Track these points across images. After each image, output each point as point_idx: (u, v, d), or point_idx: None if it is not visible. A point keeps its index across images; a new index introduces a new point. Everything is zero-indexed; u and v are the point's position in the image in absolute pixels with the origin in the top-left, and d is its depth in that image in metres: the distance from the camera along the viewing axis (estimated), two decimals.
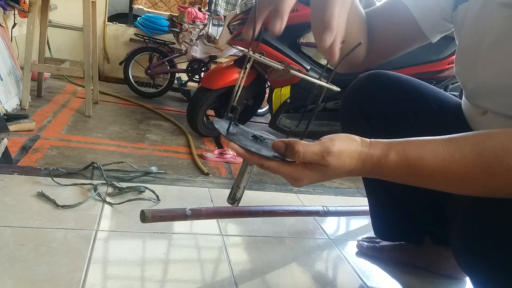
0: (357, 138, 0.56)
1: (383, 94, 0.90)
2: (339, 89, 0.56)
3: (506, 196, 0.54)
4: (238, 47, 0.59)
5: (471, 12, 0.72)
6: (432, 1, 0.77)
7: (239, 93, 0.60)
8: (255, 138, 0.58)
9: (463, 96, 0.83)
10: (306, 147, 0.53)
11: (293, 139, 0.54)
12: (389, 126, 0.89)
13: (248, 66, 0.55)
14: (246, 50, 0.55)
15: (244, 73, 0.55)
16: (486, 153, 0.52)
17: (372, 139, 0.56)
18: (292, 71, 0.52)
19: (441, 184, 0.55)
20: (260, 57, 0.54)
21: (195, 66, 3.30)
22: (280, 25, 0.53)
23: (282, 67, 0.52)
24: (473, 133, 0.56)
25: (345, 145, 0.54)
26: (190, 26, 3.18)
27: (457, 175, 0.53)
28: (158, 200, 1.24)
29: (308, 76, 0.54)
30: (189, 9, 3.23)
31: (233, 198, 0.60)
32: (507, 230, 0.59)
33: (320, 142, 0.54)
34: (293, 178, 0.56)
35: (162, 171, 1.45)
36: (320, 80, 0.54)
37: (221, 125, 0.57)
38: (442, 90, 0.95)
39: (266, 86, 2.79)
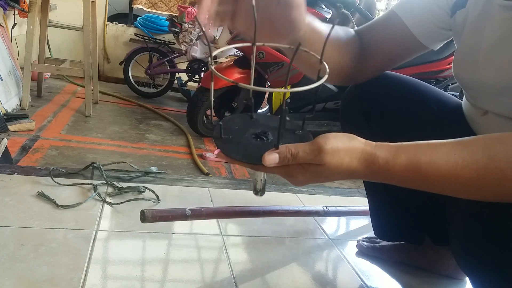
0: (361, 138, 0.54)
1: (383, 94, 0.90)
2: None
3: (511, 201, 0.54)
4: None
5: (472, 16, 0.72)
6: (425, 11, 0.76)
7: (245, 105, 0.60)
8: (257, 137, 0.57)
9: (464, 97, 0.83)
10: (297, 148, 0.50)
11: (283, 145, 0.51)
12: (389, 126, 0.89)
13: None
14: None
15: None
16: (498, 158, 0.50)
17: (377, 142, 0.54)
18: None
19: (450, 189, 0.54)
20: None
21: (195, 66, 3.30)
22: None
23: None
24: (483, 137, 0.54)
25: (342, 143, 0.52)
26: (190, 26, 3.18)
27: (469, 181, 0.52)
28: (158, 200, 1.24)
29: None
30: (189, 9, 3.23)
31: (255, 190, 0.62)
32: (505, 232, 0.59)
33: (313, 140, 0.52)
34: (287, 174, 0.54)
35: (162, 171, 1.45)
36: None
37: (224, 124, 0.57)
38: (442, 90, 0.95)
39: (266, 86, 2.79)
